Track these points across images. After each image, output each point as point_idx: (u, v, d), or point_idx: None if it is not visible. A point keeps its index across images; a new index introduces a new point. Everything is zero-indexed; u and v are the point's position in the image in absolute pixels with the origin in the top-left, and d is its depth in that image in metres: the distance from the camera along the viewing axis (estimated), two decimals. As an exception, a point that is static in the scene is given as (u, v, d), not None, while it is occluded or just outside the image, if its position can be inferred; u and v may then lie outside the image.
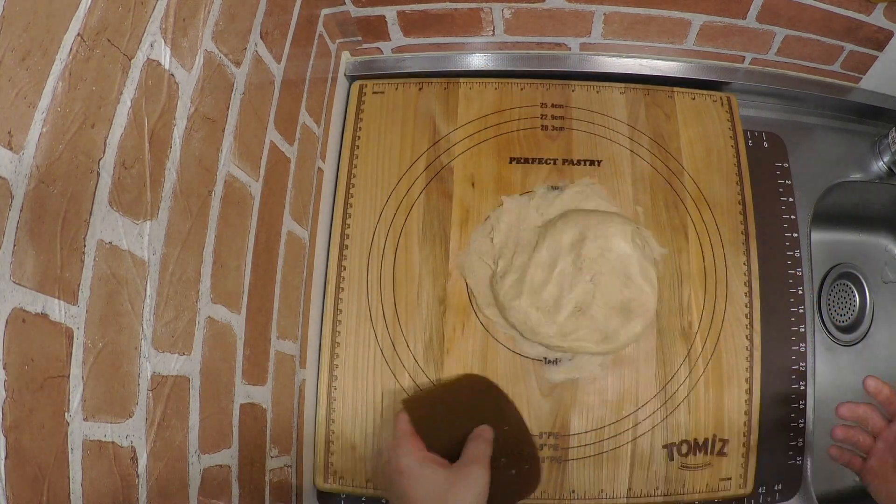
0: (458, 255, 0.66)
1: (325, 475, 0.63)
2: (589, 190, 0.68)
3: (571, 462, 0.63)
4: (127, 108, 0.34)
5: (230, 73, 0.46)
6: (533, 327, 0.61)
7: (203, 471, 0.43)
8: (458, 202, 0.68)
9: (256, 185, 0.51)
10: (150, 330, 0.37)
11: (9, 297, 0.27)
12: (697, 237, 0.68)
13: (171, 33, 0.38)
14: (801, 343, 0.70)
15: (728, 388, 0.64)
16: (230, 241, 0.47)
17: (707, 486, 0.63)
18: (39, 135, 0.28)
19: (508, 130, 0.71)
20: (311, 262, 0.65)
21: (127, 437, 0.35)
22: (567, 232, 0.63)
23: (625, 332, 0.61)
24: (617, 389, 0.64)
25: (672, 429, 0.63)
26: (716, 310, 0.66)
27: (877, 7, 0.63)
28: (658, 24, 0.69)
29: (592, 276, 0.62)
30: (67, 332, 0.31)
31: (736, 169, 0.70)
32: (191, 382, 0.42)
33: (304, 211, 0.62)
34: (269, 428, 0.54)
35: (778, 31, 0.69)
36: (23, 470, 0.27)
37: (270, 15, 0.51)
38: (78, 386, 0.31)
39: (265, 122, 0.53)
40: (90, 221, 0.32)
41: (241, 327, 0.49)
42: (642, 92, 0.73)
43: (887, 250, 0.89)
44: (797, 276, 0.71)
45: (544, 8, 0.67)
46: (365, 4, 0.67)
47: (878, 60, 0.71)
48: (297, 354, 0.61)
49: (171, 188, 0.39)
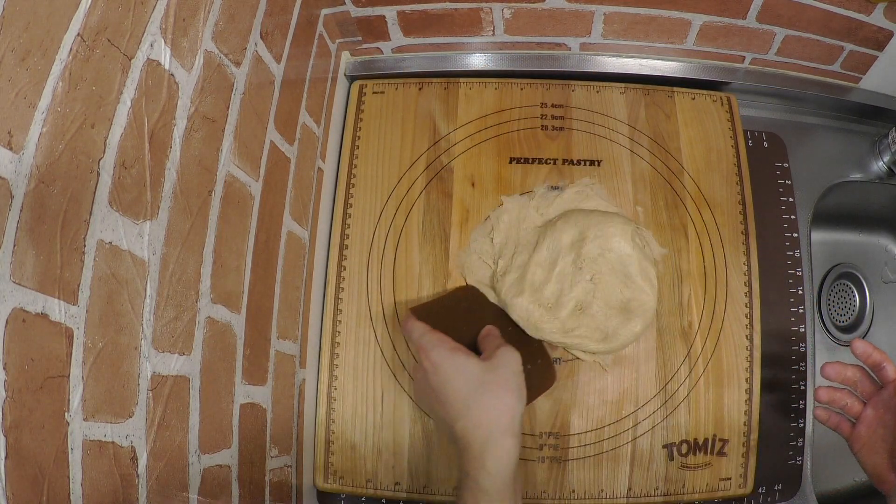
0: (457, 254, 0.66)
1: (325, 475, 0.63)
2: (589, 190, 0.68)
3: (571, 462, 0.63)
4: (127, 108, 0.34)
5: (230, 73, 0.46)
6: (536, 323, 0.61)
7: (203, 471, 0.43)
8: (458, 202, 0.68)
9: (256, 185, 0.51)
10: (150, 330, 0.37)
11: (9, 297, 0.27)
12: (697, 237, 0.68)
13: (171, 33, 0.38)
14: (801, 343, 0.70)
15: (728, 388, 0.64)
16: (230, 241, 0.47)
17: (707, 486, 0.63)
18: (39, 135, 0.28)
19: (508, 130, 0.71)
20: (311, 262, 0.65)
21: (127, 437, 0.35)
22: (567, 232, 0.63)
23: (625, 332, 0.61)
24: (617, 389, 0.64)
25: (672, 429, 0.63)
26: (716, 310, 0.66)
27: (877, 7, 0.63)
28: (658, 24, 0.69)
29: (592, 276, 0.62)
30: (67, 332, 0.31)
31: (736, 169, 0.70)
32: (191, 382, 0.42)
33: (304, 211, 0.62)
34: (269, 428, 0.54)
35: (778, 31, 0.69)
36: (23, 470, 0.27)
37: (270, 15, 0.51)
38: (78, 386, 0.31)
39: (265, 122, 0.53)
40: (90, 221, 0.32)
41: (241, 327, 0.49)
42: (642, 92, 0.73)
43: (887, 250, 0.89)
44: (797, 276, 0.71)
45: (544, 8, 0.67)
46: (365, 4, 0.67)
47: (878, 60, 0.71)
48: (297, 354, 0.61)
49: (171, 188, 0.39)
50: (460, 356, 0.48)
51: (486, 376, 0.47)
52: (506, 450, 0.45)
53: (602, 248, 0.62)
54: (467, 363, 0.48)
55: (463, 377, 0.47)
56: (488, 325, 0.55)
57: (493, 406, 0.46)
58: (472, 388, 0.47)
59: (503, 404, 0.46)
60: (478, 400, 0.46)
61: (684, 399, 0.64)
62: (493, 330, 0.54)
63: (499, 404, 0.46)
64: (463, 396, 0.46)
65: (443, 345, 0.49)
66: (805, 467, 0.67)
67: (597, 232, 0.62)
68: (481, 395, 0.46)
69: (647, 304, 0.62)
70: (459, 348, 0.49)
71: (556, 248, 0.63)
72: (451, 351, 0.49)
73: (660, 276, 0.64)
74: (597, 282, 0.62)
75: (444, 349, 0.49)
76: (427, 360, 0.49)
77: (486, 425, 0.45)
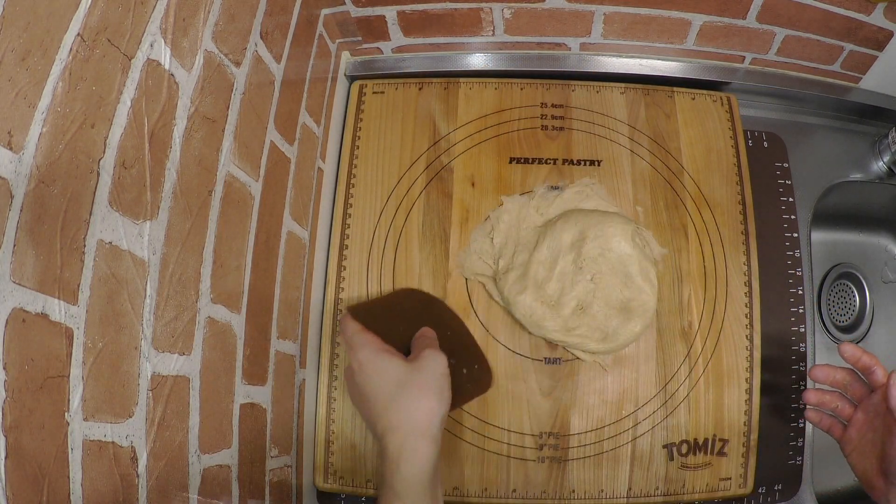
0: (457, 254, 0.66)
1: (324, 475, 0.63)
2: (589, 190, 0.68)
3: (571, 462, 0.63)
4: (127, 108, 0.34)
5: (230, 73, 0.46)
6: (538, 321, 0.61)
7: (203, 471, 0.43)
8: (458, 202, 0.68)
9: (256, 185, 0.51)
10: (150, 330, 0.37)
11: (9, 297, 0.27)
12: (697, 237, 0.68)
13: (171, 33, 0.38)
14: (801, 343, 0.70)
15: (728, 388, 0.64)
16: (230, 241, 0.47)
17: (707, 485, 0.63)
18: (39, 135, 0.28)
19: (508, 130, 0.71)
20: (311, 262, 0.65)
21: (127, 437, 0.35)
22: (567, 231, 0.63)
23: (624, 332, 0.61)
24: (617, 389, 0.64)
25: (672, 429, 0.63)
26: (716, 310, 0.66)
27: (877, 7, 0.63)
28: (658, 24, 0.69)
29: (593, 276, 0.62)
30: (67, 332, 0.31)
31: (736, 169, 0.70)
32: (191, 382, 0.42)
33: (304, 211, 0.62)
34: (269, 428, 0.54)
35: (778, 31, 0.69)
36: (23, 470, 0.27)
37: (270, 15, 0.51)
38: (78, 386, 0.31)
39: (265, 122, 0.53)
40: (90, 221, 0.32)
41: (241, 327, 0.49)
42: (642, 92, 0.73)
43: (887, 250, 0.89)
44: (797, 276, 0.71)
45: (544, 8, 0.67)
46: (365, 4, 0.67)
47: (878, 60, 0.71)
48: (297, 354, 0.61)
49: (171, 188, 0.39)
50: (385, 356, 0.48)
51: (407, 377, 0.47)
52: (420, 453, 0.44)
53: (602, 247, 0.62)
54: (391, 363, 0.48)
55: (385, 377, 0.47)
56: (424, 328, 0.54)
57: (411, 408, 0.46)
58: (393, 388, 0.46)
59: (421, 406, 0.46)
60: (397, 401, 0.46)
61: (684, 399, 0.64)
62: (427, 332, 0.54)
63: (416, 406, 0.46)
64: (384, 397, 0.46)
65: (371, 345, 0.49)
66: (805, 467, 0.67)
67: (597, 232, 0.62)
68: (400, 396, 0.46)
69: (647, 304, 0.62)
70: (387, 349, 0.49)
71: (557, 247, 0.63)
72: (377, 351, 0.49)
73: (660, 276, 0.64)
74: (597, 281, 0.62)
75: (371, 349, 0.49)
76: (354, 359, 0.49)
77: (403, 427, 0.45)
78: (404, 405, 0.46)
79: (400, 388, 0.46)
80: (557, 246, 0.63)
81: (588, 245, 0.62)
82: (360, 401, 0.49)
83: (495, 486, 0.62)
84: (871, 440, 0.52)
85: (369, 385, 0.47)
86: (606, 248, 0.62)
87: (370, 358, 0.48)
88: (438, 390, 0.47)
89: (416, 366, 0.48)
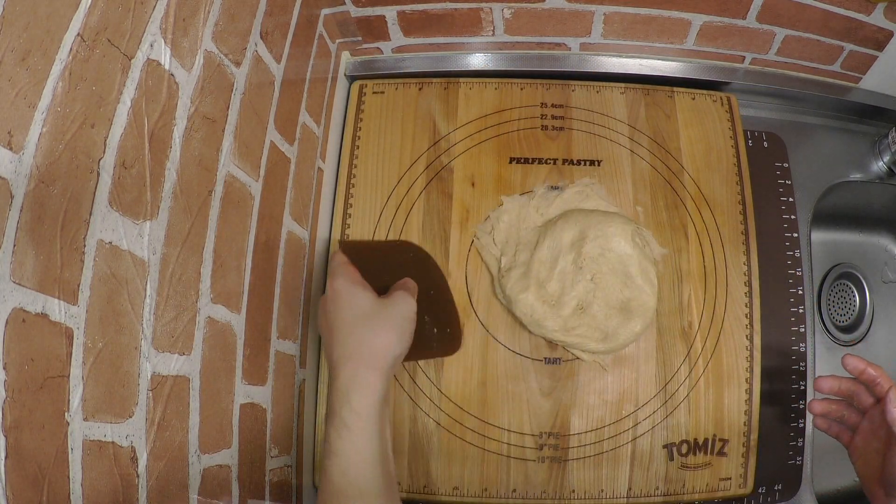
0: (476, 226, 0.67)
1: (325, 475, 0.63)
2: (589, 190, 0.68)
3: (571, 462, 0.63)
4: (127, 108, 0.34)
5: (230, 73, 0.46)
6: (538, 320, 0.61)
7: (203, 471, 0.43)
8: (458, 202, 0.68)
9: (256, 185, 0.51)
10: (150, 330, 0.37)
11: (9, 297, 0.27)
12: (697, 237, 0.68)
13: (171, 33, 0.38)
14: (801, 343, 0.70)
15: (728, 388, 0.64)
16: (230, 241, 0.47)
17: (707, 486, 0.63)
18: (39, 135, 0.28)
19: (508, 130, 0.71)
20: (311, 262, 0.65)
21: (127, 437, 0.35)
22: (567, 231, 0.63)
23: (624, 332, 0.61)
24: (617, 389, 0.64)
25: (672, 429, 0.63)
26: (716, 310, 0.66)
27: (877, 7, 0.63)
28: (658, 24, 0.69)
29: (593, 276, 0.62)
30: (67, 332, 0.31)
31: (736, 169, 0.70)
32: (191, 382, 0.42)
33: (304, 211, 0.62)
34: (269, 428, 0.54)
35: (778, 31, 0.69)
36: (23, 470, 0.27)
37: (270, 15, 0.51)
38: (78, 386, 0.31)
39: (265, 122, 0.53)
40: (90, 221, 0.32)
41: (241, 327, 0.49)
42: (642, 92, 0.73)
43: (887, 250, 0.89)
44: (797, 276, 0.71)
45: (544, 8, 0.67)
46: (365, 4, 0.67)
47: (878, 60, 0.71)
48: (297, 354, 0.61)
49: (171, 188, 0.39)
50: (358, 288, 0.49)
51: (374, 311, 0.48)
52: (371, 386, 0.45)
53: (602, 247, 0.62)
54: (362, 296, 0.49)
55: (353, 308, 0.48)
56: (406, 278, 0.55)
57: (369, 340, 0.46)
58: (358, 319, 0.47)
59: (378, 339, 0.46)
60: (357, 331, 0.47)
61: (684, 399, 0.64)
62: (409, 282, 0.54)
63: (374, 338, 0.46)
64: (347, 326, 0.47)
65: (349, 276, 0.50)
66: (805, 467, 0.67)
67: (597, 232, 0.62)
68: (362, 326, 0.47)
69: (647, 303, 0.62)
70: (362, 282, 0.50)
71: (557, 247, 0.63)
72: (352, 282, 0.50)
73: (660, 276, 0.64)
74: (597, 281, 0.62)
75: (348, 279, 0.50)
76: (330, 286, 0.50)
77: (356, 357, 0.46)
78: (363, 336, 0.47)
79: (364, 320, 0.47)
80: (557, 246, 0.63)
81: (588, 245, 0.62)
82: (325, 328, 0.50)
83: (495, 486, 0.62)
84: (874, 449, 0.52)
85: (337, 313, 0.48)
86: (607, 247, 0.62)
87: (345, 287, 0.49)
88: (400, 330, 0.48)
89: (385, 302, 0.49)
